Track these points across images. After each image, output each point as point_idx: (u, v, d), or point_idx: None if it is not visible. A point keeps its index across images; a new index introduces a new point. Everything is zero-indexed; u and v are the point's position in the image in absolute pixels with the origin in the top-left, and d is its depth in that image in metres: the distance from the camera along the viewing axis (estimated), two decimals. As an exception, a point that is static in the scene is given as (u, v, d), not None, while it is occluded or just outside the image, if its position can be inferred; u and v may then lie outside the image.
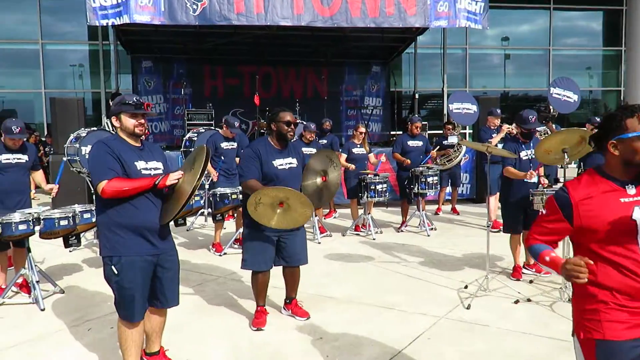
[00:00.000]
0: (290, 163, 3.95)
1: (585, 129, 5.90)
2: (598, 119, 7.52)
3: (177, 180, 2.89)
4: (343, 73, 13.92)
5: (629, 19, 11.14)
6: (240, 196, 6.02)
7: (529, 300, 4.43)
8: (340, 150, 7.80)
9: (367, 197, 6.91)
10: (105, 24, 8.61)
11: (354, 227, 7.39)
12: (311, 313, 4.16)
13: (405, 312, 4.25)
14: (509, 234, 5.16)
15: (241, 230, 6.31)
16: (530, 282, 4.99)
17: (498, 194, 5.78)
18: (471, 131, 11.38)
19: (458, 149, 8.03)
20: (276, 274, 4.17)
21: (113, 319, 3.71)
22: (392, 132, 13.65)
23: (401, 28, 9.97)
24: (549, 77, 15.15)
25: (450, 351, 3.54)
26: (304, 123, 7.48)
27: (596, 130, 1.92)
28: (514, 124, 6.43)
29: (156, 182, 2.85)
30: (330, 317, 4.16)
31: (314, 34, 11.07)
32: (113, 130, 3.86)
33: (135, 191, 2.82)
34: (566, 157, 4.23)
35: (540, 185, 4.99)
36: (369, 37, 12.15)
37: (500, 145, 6.18)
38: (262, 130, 10.53)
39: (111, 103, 3.68)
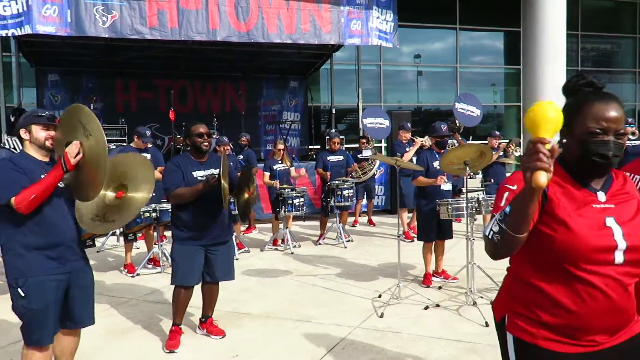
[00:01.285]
0: (212, 175, 3.93)
1: (485, 142, 6.31)
2: (497, 133, 8.09)
3: (80, 153, 2.71)
4: (261, 88, 13.96)
5: (524, 40, 12.07)
6: (154, 214, 5.88)
7: (437, 305, 4.65)
8: (258, 165, 7.82)
9: (285, 211, 6.97)
10: (4, 35, 8.10)
11: (272, 242, 7.40)
12: (227, 330, 4.12)
13: (322, 324, 4.32)
14: (423, 242, 5.41)
15: (154, 250, 6.17)
16: (439, 288, 5.25)
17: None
18: (385, 144, 11.81)
19: (372, 162, 8.30)
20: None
21: (15, 350, 3.47)
22: (310, 147, 13.84)
23: (317, 44, 10.19)
24: (457, 93, 16.07)
25: (364, 359, 3.64)
26: (217, 137, 7.45)
27: None
28: (426, 137, 6.77)
29: (63, 166, 2.68)
30: (247, 334, 4.15)
31: (231, 49, 11.04)
32: (14, 148, 3.64)
33: (47, 190, 2.68)
34: (467, 168, 4.51)
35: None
36: (286, 53, 12.31)
37: (415, 159, 6.48)
38: (178, 146, 10.31)
39: (12, 118, 3.46)
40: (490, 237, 1.53)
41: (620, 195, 1.63)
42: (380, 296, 4.95)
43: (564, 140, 1.65)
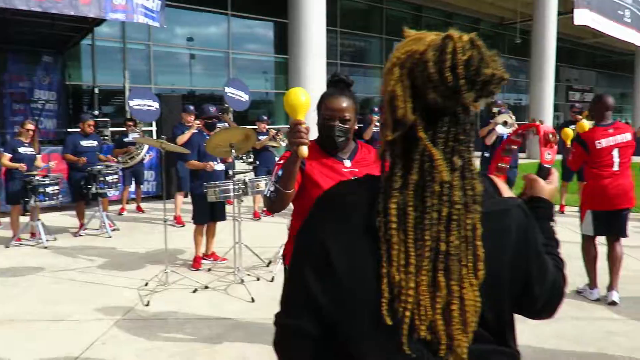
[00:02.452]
0: None
1: (250, 127, 6.51)
2: (266, 117, 8.44)
3: None
4: (5, 61, 12.02)
5: (290, 32, 12.81)
6: None
7: (206, 287, 4.67)
8: (2, 149, 6.75)
9: (35, 201, 6.17)
10: None
11: (16, 238, 6.47)
12: (-44, 343, 3.50)
13: (78, 322, 3.97)
14: (195, 225, 5.37)
15: None
16: (209, 270, 5.29)
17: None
18: (155, 128, 11.34)
19: (140, 147, 7.89)
20: None
21: None
22: (69, 130, 12.50)
23: (73, 17, 9.17)
24: (229, 78, 16.27)
25: (127, 351, 3.47)
26: None
27: None
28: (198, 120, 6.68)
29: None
30: (-16, 344, 3.58)
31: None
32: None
33: None
34: (233, 151, 4.60)
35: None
36: (37, 23, 10.80)
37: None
38: None
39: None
40: (268, 196, 2.03)
41: (363, 161, 2.16)
42: (147, 284, 4.76)
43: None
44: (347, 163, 2.14)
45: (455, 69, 0.87)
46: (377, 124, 8.09)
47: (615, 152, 4.20)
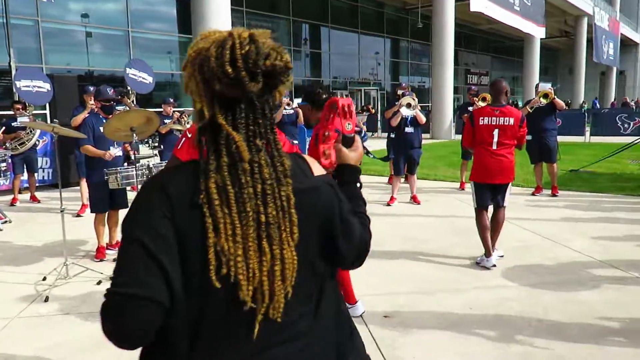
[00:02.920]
0: None
1: (153, 110, 6.24)
2: (172, 100, 8.14)
3: None
4: None
5: (193, 10, 12.37)
6: None
7: (111, 278, 4.45)
8: None
9: None
10: None
11: None
12: None
13: (-35, 323, 3.63)
14: (95, 214, 5.07)
15: None
16: (114, 260, 5.03)
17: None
18: (48, 111, 10.52)
19: (32, 132, 7.30)
20: None
21: None
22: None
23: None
24: (130, 59, 15.44)
25: (25, 350, 3.23)
26: None
27: None
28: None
29: None
30: None
31: None
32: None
33: None
34: (135, 134, 4.39)
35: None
36: None
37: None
38: None
39: None
40: None
41: None
42: (45, 279, 4.45)
43: None
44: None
45: (236, 62, 1.01)
46: (287, 106, 8.07)
47: (495, 132, 4.61)
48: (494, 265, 4.59)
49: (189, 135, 2.11)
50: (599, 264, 4.67)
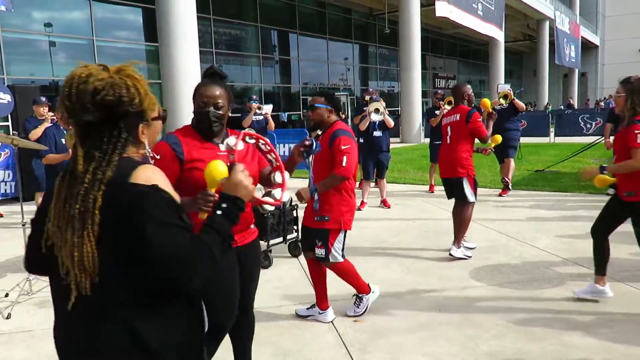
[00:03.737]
0: None
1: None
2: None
3: None
4: None
5: (159, 18, 12.21)
6: None
7: (77, 292, 4.35)
8: None
9: None
10: None
11: None
12: None
13: None
14: None
15: None
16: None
17: None
18: (10, 123, 10.22)
19: (-8, 144, 7.09)
20: None
21: None
22: None
23: None
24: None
25: (-16, 372, 3.13)
26: None
27: None
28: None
29: None
30: None
31: None
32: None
33: None
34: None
35: None
36: None
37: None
38: None
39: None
40: None
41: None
42: (7, 295, 4.32)
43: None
44: (222, 147, 2.22)
45: (71, 97, 1.31)
46: (257, 111, 8.04)
47: (448, 129, 5.04)
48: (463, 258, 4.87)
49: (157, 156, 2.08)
50: (563, 261, 4.79)
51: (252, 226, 2.43)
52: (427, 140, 9.26)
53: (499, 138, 5.09)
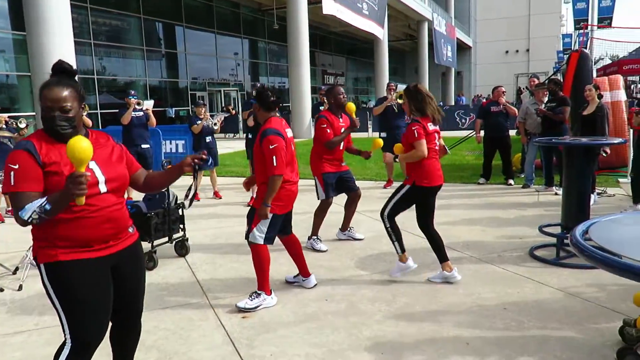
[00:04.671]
0: None
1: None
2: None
3: None
4: None
5: (26, 6, 11.20)
6: None
7: None
8: None
9: None
10: None
11: None
12: None
13: None
14: None
15: None
16: None
17: None
18: None
19: None
20: None
21: None
22: None
23: None
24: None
25: None
26: None
27: None
28: None
29: None
30: None
31: None
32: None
33: None
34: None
35: None
36: None
37: None
38: None
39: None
40: (30, 220, 1.93)
41: (97, 144, 2.15)
42: (16, 271, 3.75)
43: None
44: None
45: None
46: (137, 107, 7.67)
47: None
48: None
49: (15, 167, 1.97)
50: (440, 247, 5.13)
51: (130, 229, 2.30)
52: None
53: (379, 142, 5.22)
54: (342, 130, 5.19)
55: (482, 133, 8.80)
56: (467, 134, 11.31)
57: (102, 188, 2.10)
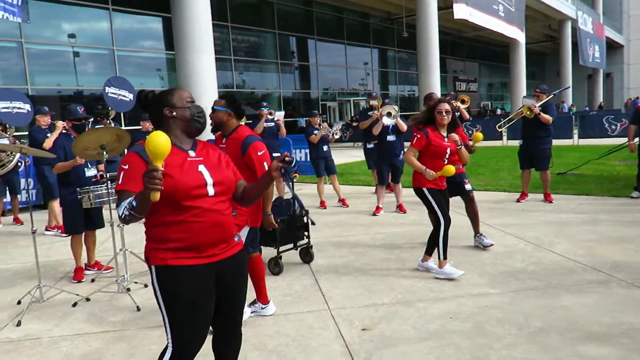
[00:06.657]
0: None
1: (120, 127, 6.18)
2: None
3: None
4: None
5: (175, 27, 12.35)
6: None
7: (88, 299, 4.37)
8: None
9: None
10: None
11: None
12: None
13: None
14: (71, 235, 5.00)
15: None
16: (92, 281, 4.95)
17: None
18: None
19: (12, 153, 7.22)
20: None
21: None
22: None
23: None
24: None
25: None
26: None
27: None
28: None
29: None
30: None
31: None
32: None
33: None
34: (105, 152, 4.32)
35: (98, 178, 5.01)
36: None
37: None
38: None
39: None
40: (123, 217, 2.05)
41: (204, 151, 2.29)
42: (19, 302, 4.36)
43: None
44: (192, 153, 2.25)
45: None
46: (269, 117, 8.02)
47: None
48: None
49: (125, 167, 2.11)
50: (582, 267, 4.62)
51: (236, 238, 2.32)
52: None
53: (479, 136, 4.81)
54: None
55: (636, 140, 7.84)
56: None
57: (210, 190, 2.17)
